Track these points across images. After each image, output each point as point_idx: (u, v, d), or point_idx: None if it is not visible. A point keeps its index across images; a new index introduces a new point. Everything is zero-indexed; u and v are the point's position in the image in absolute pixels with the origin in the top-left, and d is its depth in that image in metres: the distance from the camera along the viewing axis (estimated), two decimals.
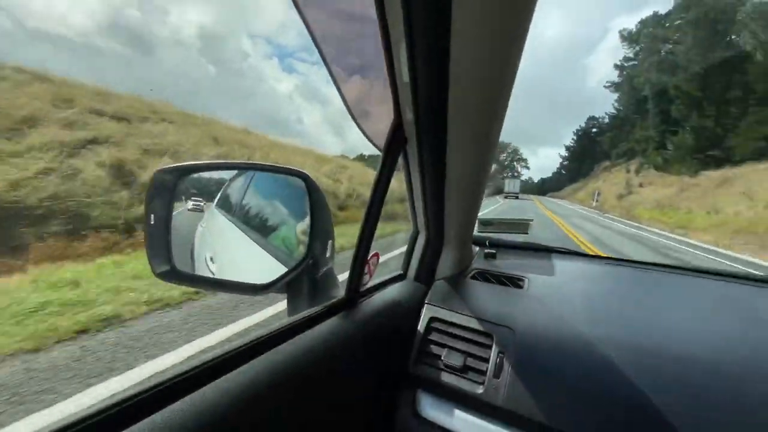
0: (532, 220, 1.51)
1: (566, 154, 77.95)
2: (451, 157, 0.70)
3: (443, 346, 0.79)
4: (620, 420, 0.58)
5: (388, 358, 0.76)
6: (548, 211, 22.00)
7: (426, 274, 1.00)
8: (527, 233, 1.46)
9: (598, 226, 13.46)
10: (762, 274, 1.09)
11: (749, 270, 2.06)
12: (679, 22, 31.80)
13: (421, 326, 0.84)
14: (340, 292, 0.74)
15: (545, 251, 1.31)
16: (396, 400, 0.79)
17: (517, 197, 45.01)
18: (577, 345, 0.70)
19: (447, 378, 0.75)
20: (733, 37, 28.23)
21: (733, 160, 25.28)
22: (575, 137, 72.07)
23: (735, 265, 7.26)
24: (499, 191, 53.99)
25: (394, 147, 0.68)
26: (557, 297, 0.89)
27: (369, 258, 0.74)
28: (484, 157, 0.73)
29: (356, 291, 0.73)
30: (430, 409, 0.75)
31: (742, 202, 12.29)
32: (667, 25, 34.75)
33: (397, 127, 0.67)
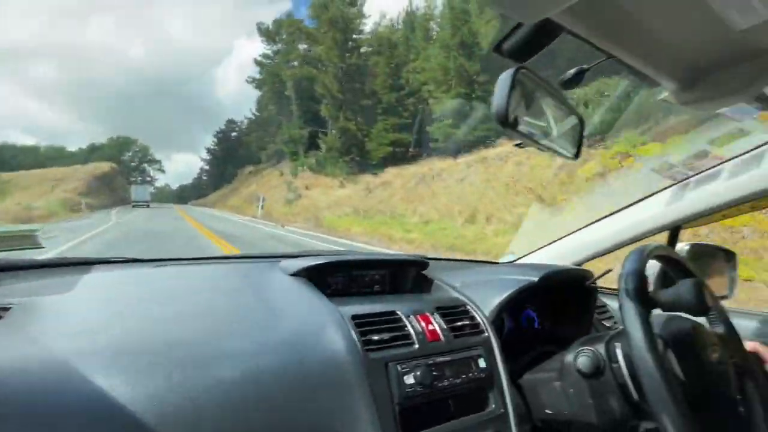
0: (38, 230, 0.91)
1: (208, 158, 73.15)
2: None
3: None
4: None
5: None
6: (206, 229, 12.90)
7: None
8: (42, 246, 0.77)
9: None
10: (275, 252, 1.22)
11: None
12: (318, 20, 31.24)
13: None
14: None
15: (79, 265, 1.03)
16: None
17: (148, 206, 37.10)
18: (51, 368, 0.58)
19: None
20: (362, 49, 30.03)
21: (372, 164, 26.67)
22: (216, 141, 68.41)
23: None
24: (123, 201, 41.19)
25: None
26: (57, 317, 0.76)
27: None
28: None
29: None
30: None
31: (502, 201, 8.66)
32: (307, 24, 34.06)
33: None
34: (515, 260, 1.38)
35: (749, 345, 0.79)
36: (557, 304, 1.08)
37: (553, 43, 0.51)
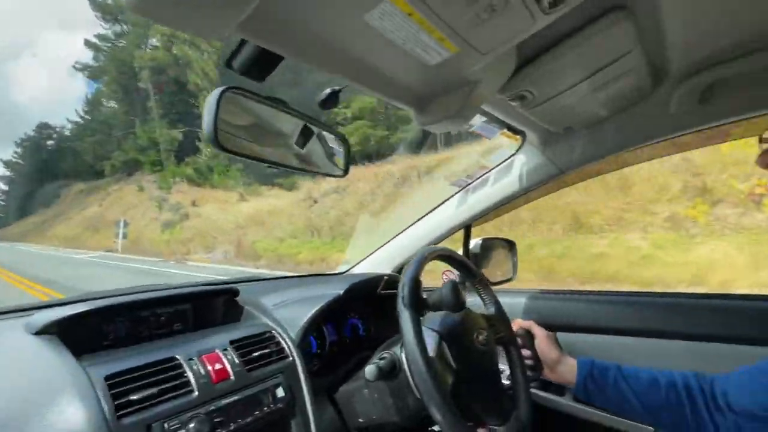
0: None
1: (9, 176, 55.01)
2: None
3: None
4: None
5: None
6: (45, 288, 7.10)
7: None
8: None
9: None
10: None
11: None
12: None
13: None
14: None
15: None
16: None
17: None
18: None
19: None
20: None
21: (273, 172, 22.09)
22: (21, 152, 52.37)
23: None
24: None
25: None
26: None
27: None
28: None
29: None
30: None
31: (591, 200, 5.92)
32: None
33: None
34: (347, 270, 1.40)
35: (524, 323, 0.91)
36: (377, 310, 1.15)
37: None
